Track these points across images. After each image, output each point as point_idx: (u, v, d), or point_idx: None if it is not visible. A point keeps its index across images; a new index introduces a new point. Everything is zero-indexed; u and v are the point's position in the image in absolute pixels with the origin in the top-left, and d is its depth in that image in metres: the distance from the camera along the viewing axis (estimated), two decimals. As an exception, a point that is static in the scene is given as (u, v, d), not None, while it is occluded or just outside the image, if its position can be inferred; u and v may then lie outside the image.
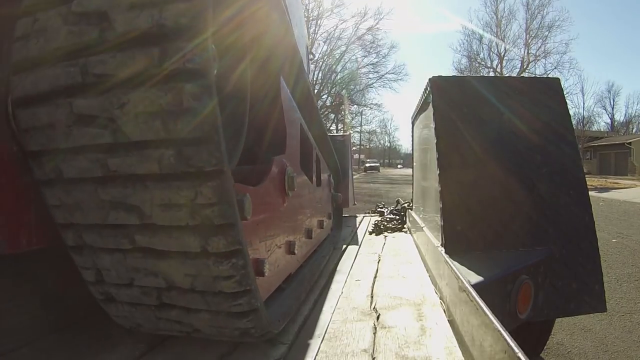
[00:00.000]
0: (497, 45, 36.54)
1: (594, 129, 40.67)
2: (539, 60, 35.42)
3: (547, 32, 35.15)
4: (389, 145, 74.34)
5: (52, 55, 0.76)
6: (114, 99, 0.73)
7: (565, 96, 2.03)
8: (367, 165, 42.96)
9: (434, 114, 1.92)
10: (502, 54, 36.48)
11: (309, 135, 2.07)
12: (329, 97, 33.87)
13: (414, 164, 3.35)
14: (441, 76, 2.00)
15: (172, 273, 0.85)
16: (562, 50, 38.50)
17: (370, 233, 3.25)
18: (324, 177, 2.61)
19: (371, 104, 38.08)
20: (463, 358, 1.04)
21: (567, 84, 33.94)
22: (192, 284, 0.85)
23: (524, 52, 35.84)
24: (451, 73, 37.54)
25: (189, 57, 0.71)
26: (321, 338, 1.19)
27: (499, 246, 1.78)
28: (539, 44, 35.62)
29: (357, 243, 2.84)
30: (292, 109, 1.62)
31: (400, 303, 1.50)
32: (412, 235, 3.00)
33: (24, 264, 1.02)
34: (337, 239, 2.97)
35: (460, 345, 1.10)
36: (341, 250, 2.55)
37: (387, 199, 9.35)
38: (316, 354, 1.08)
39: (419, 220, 2.61)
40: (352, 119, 40.08)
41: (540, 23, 35.37)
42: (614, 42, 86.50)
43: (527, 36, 35.59)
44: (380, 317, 1.36)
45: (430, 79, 1.99)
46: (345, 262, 2.24)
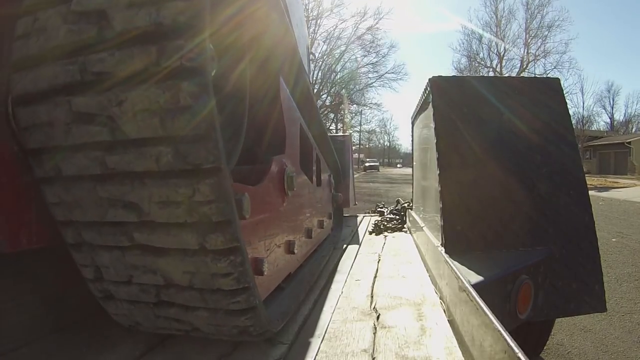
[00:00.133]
0: (497, 44, 36.48)
1: (593, 129, 40.67)
2: (538, 60, 35.33)
3: (546, 32, 35.09)
4: (388, 144, 74.41)
5: (51, 53, 0.76)
6: (113, 97, 0.73)
7: (565, 96, 2.03)
8: (367, 164, 42.95)
9: (433, 113, 1.92)
10: (502, 54, 36.42)
11: (309, 135, 2.07)
12: (329, 97, 33.90)
13: (414, 163, 3.35)
14: (441, 76, 2.00)
15: (171, 270, 0.85)
16: (562, 50, 38.20)
17: (370, 233, 3.25)
18: (324, 177, 2.61)
19: (371, 103, 38.10)
20: (463, 358, 1.04)
21: (567, 83, 33.86)
22: (190, 282, 0.86)
23: (524, 52, 35.78)
24: (451, 73, 37.71)
25: (187, 55, 0.71)
26: (321, 338, 1.18)
27: (499, 246, 1.78)
28: (539, 44, 35.55)
29: (357, 243, 2.84)
30: (291, 109, 1.62)
31: (400, 303, 1.50)
32: (412, 235, 3.00)
33: (24, 263, 1.02)
34: (337, 238, 2.97)
35: (460, 345, 1.10)
36: (341, 250, 2.55)
37: (386, 198, 9.36)
38: (316, 354, 1.08)
39: (419, 220, 2.61)
40: (352, 119, 40.18)
41: (540, 23, 35.31)
42: (613, 42, 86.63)
43: (527, 36, 35.53)
44: (380, 317, 1.35)
45: (430, 79, 1.99)
46: (345, 262, 2.24)
